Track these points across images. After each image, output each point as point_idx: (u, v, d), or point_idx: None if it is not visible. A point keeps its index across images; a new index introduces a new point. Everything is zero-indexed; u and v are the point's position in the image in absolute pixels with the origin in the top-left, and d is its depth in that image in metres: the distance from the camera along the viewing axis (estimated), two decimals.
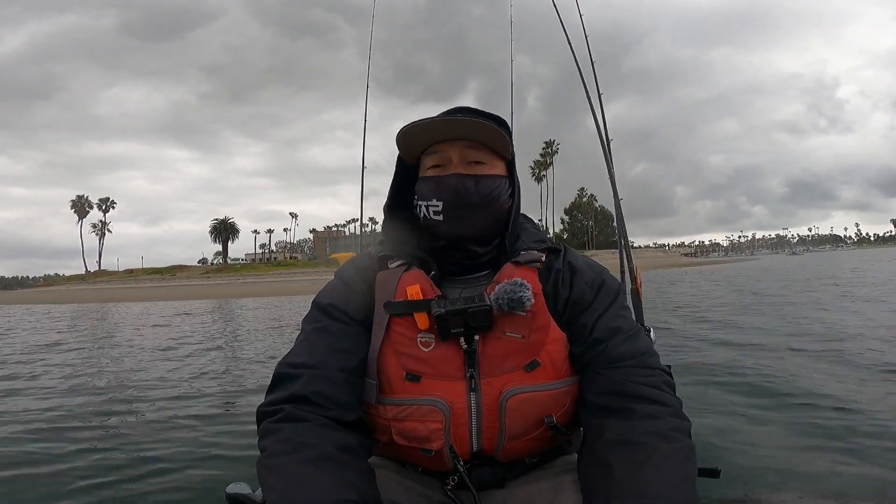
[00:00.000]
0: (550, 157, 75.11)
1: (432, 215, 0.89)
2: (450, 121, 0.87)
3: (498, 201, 0.90)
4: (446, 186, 0.87)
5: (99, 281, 62.05)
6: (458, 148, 0.88)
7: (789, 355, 4.81)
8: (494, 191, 0.89)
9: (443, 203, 0.88)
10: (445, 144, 0.89)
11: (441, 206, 0.88)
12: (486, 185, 0.88)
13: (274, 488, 0.71)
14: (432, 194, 0.88)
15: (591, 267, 0.94)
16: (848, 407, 3.13)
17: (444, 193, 0.87)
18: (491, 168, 0.90)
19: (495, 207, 0.90)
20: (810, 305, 9.13)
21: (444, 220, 0.88)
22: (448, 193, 0.87)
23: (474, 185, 0.87)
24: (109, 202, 79.58)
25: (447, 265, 0.92)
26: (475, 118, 0.87)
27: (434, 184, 0.89)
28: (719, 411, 3.25)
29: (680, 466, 0.72)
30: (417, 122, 0.87)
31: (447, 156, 0.89)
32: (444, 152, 0.89)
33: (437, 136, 0.89)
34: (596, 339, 0.85)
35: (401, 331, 0.86)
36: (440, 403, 0.83)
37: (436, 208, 0.88)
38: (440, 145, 0.89)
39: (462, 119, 0.87)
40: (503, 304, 0.82)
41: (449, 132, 0.88)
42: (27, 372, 6.03)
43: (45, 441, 3.26)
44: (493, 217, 0.90)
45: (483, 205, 0.88)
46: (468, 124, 0.86)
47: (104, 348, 8.15)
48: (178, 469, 2.69)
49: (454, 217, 0.88)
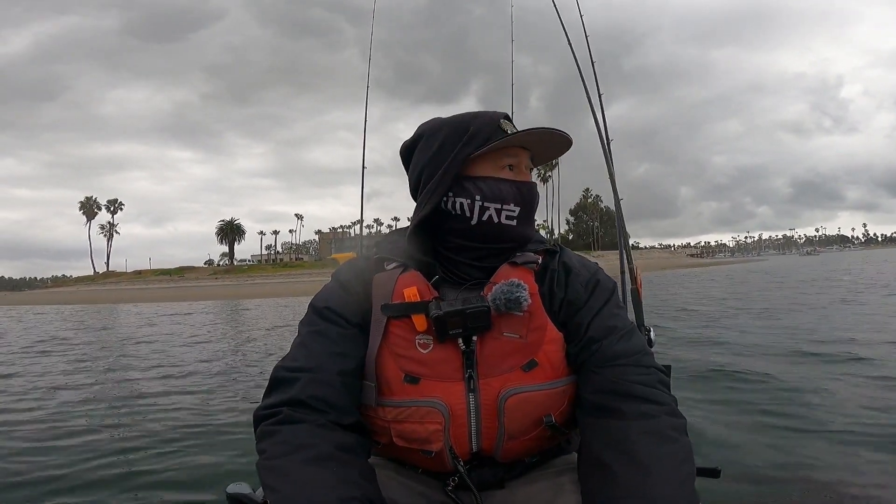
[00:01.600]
0: (556, 158, 74.93)
1: (504, 219, 0.89)
2: (551, 131, 0.89)
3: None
4: (527, 193, 0.91)
5: (108, 282, 62.55)
6: (525, 156, 0.92)
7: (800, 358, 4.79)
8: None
9: (520, 209, 0.90)
10: (520, 150, 0.92)
11: (518, 212, 0.90)
12: (538, 194, 0.95)
13: (276, 489, 0.71)
14: (512, 199, 0.90)
15: (586, 266, 0.95)
16: (850, 407, 3.13)
17: (524, 199, 0.90)
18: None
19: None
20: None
21: (517, 224, 0.90)
22: (526, 200, 0.91)
23: (535, 192, 0.94)
24: (117, 203, 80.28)
25: (469, 270, 0.91)
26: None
27: (516, 189, 0.90)
28: (719, 411, 3.25)
29: (679, 467, 0.72)
30: (531, 130, 0.89)
31: (521, 161, 0.92)
32: (519, 157, 0.92)
33: (534, 142, 0.92)
34: (591, 338, 0.86)
35: (399, 333, 0.86)
36: (439, 405, 0.83)
37: (511, 213, 0.90)
38: (515, 149, 0.91)
39: (559, 134, 0.90)
40: (500, 305, 0.83)
41: (552, 140, 0.92)
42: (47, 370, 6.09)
43: (45, 440, 3.29)
44: None
45: (535, 211, 0.95)
46: (566, 137, 0.91)
47: (115, 349, 8.22)
48: (178, 469, 2.70)
49: (525, 221, 0.91)
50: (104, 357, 7.28)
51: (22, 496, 2.44)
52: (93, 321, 15.19)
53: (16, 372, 6.18)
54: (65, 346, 8.85)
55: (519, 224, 0.90)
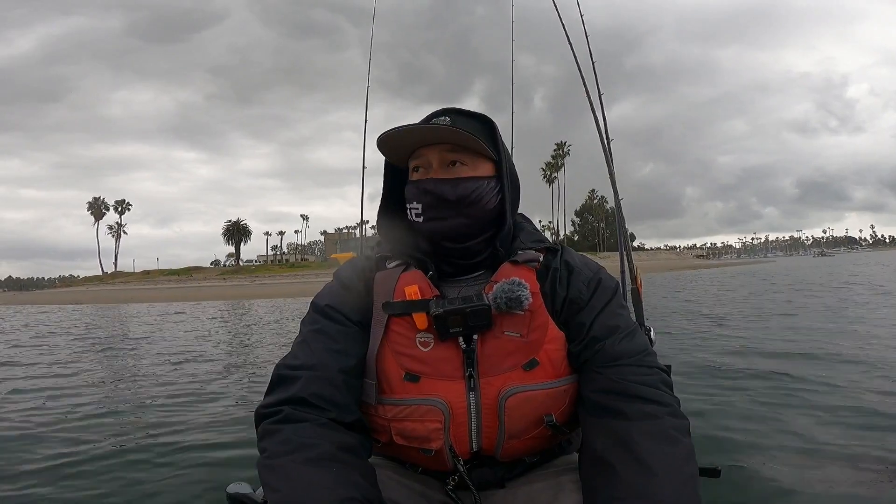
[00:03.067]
0: (561, 159, 74.91)
1: (414, 217, 0.91)
2: (424, 127, 0.89)
3: (480, 202, 0.90)
4: (423, 190, 0.89)
5: (117, 282, 63.11)
6: (437, 152, 0.90)
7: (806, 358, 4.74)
8: (474, 192, 0.89)
9: (422, 206, 0.90)
10: (426, 149, 0.90)
11: (420, 208, 0.90)
12: (465, 188, 0.89)
13: (276, 489, 0.71)
14: (413, 197, 0.91)
15: (588, 266, 0.94)
16: (852, 408, 3.12)
17: (423, 196, 0.89)
18: (472, 170, 0.90)
19: (477, 208, 0.90)
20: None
21: (423, 220, 0.90)
22: (426, 197, 0.89)
23: (450, 188, 0.89)
24: (125, 204, 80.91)
25: (443, 266, 0.93)
26: (457, 120, 0.90)
27: (415, 188, 0.91)
28: (720, 410, 3.23)
29: (683, 468, 0.72)
30: (392, 129, 0.89)
31: (427, 160, 0.90)
32: (424, 157, 0.91)
33: (418, 142, 0.91)
34: (593, 337, 0.86)
35: (400, 331, 0.86)
36: (439, 403, 0.83)
37: (417, 210, 0.90)
38: (421, 150, 0.91)
39: (434, 125, 0.88)
40: (501, 304, 0.83)
41: (427, 137, 0.90)
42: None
43: (45, 439, 3.30)
44: (474, 217, 0.90)
45: (461, 206, 0.89)
46: (442, 130, 0.87)
47: (122, 346, 8.27)
48: (178, 468, 2.69)
49: (432, 216, 0.90)
50: (109, 354, 7.32)
51: (20, 495, 2.45)
52: (106, 319, 15.31)
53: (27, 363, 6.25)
54: (81, 341, 8.93)
55: (426, 221, 0.90)
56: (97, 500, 2.39)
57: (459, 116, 0.92)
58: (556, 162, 75.10)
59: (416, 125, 0.90)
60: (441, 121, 0.90)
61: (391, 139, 0.90)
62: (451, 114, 0.92)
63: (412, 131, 0.89)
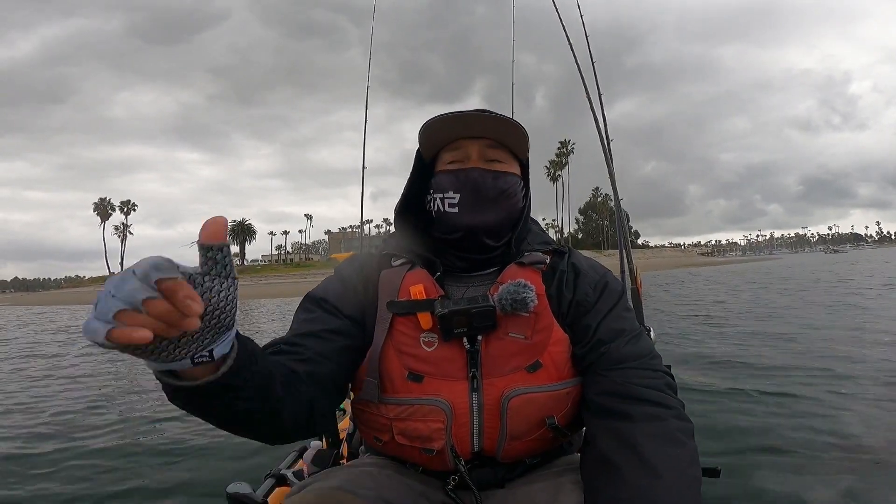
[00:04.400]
0: (566, 157, 74.68)
1: (447, 207, 0.90)
2: (474, 116, 0.88)
3: (513, 199, 0.91)
4: (465, 179, 0.89)
5: None
6: (478, 145, 0.90)
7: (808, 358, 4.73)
8: (511, 188, 0.91)
9: (460, 195, 0.89)
10: (466, 141, 0.90)
11: (458, 199, 0.89)
12: (505, 181, 0.90)
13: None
14: (450, 186, 0.89)
15: (595, 269, 0.94)
16: (852, 408, 3.11)
17: (463, 186, 0.89)
18: (508, 167, 0.91)
19: (510, 204, 0.91)
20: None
21: (459, 211, 0.89)
22: (467, 186, 0.88)
23: (492, 179, 0.89)
24: (131, 205, 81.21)
25: (456, 261, 0.92)
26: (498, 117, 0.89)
27: (453, 176, 0.90)
28: (720, 411, 3.24)
29: (687, 470, 0.72)
30: (442, 115, 0.89)
31: (467, 152, 0.90)
32: (464, 148, 0.90)
33: (460, 132, 0.90)
34: (599, 340, 0.85)
35: (404, 330, 0.86)
36: (442, 403, 0.83)
37: (452, 200, 0.89)
38: (461, 141, 0.90)
39: (487, 115, 0.88)
40: (506, 305, 0.82)
41: (473, 128, 0.89)
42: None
43: (44, 438, 3.32)
44: (506, 213, 0.91)
45: (499, 199, 0.89)
46: (493, 121, 0.88)
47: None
48: (177, 468, 2.71)
49: (470, 208, 0.89)
50: (111, 354, 7.37)
51: (19, 494, 2.46)
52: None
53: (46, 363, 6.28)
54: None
55: (462, 211, 0.89)
56: (96, 499, 2.40)
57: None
58: (561, 160, 74.89)
59: (466, 112, 0.89)
60: (484, 112, 0.89)
61: (435, 127, 0.89)
62: (484, 113, 0.91)
63: (460, 119, 0.88)
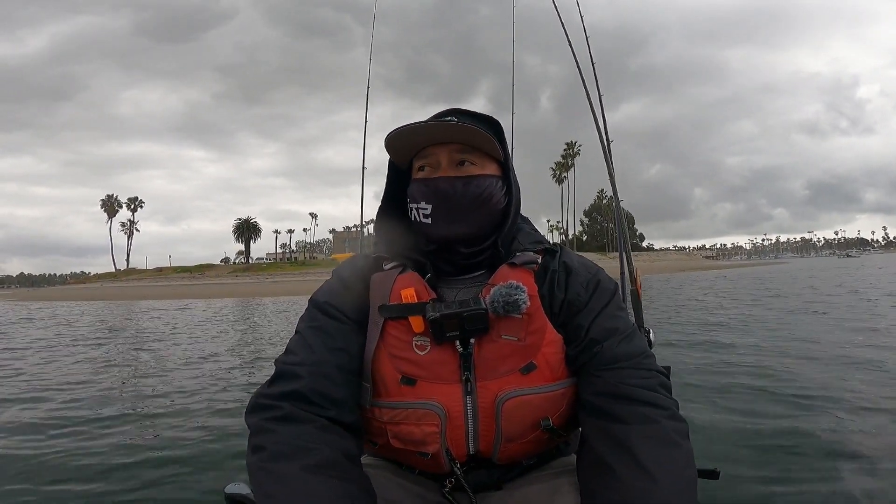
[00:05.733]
0: (572, 159, 74.53)
1: (422, 218, 0.88)
2: (436, 125, 0.87)
3: (490, 201, 0.89)
4: (435, 189, 0.87)
5: (131, 279, 63.64)
6: (446, 151, 0.88)
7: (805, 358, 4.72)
8: (485, 191, 0.88)
9: (431, 206, 0.87)
10: (434, 148, 0.88)
11: (430, 209, 0.87)
12: (476, 186, 0.87)
13: (271, 494, 0.70)
14: (421, 197, 0.88)
15: (587, 267, 0.93)
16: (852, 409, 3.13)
17: (433, 196, 0.87)
18: (481, 169, 0.89)
19: (488, 208, 0.89)
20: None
21: (432, 222, 0.87)
22: (437, 196, 0.87)
23: (463, 186, 0.87)
24: (137, 201, 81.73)
25: (443, 266, 0.91)
26: (465, 121, 0.88)
27: (423, 186, 0.88)
28: (720, 411, 3.25)
29: (683, 472, 0.72)
30: (403, 126, 0.87)
31: (436, 159, 0.88)
32: (433, 155, 0.88)
33: (426, 140, 0.88)
34: (592, 340, 0.84)
35: (396, 334, 0.85)
36: (436, 407, 0.82)
37: (425, 211, 0.88)
38: (430, 148, 0.89)
39: (447, 123, 0.86)
40: (498, 308, 0.82)
41: (436, 136, 0.88)
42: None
43: (43, 437, 3.33)
44: (485, 218, 0.89)
45: (473, 206, 0.87)
46: (454, 128, 0.86)
47: (128, 345, 8.40)
48: (176, 468, 2.70)
49: (443, 219, 0.87)
50: (118, 353, 7.45)
51: (17, 494, 2.46)
52: (120, 317, 15.51)
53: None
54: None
55: (435, 223, 0.88)
56: (95, 498, 2.40)
57: (465, 117, 0.91)
58: (567, 161, 74.75)
59: (427, 122, 0.88)
60: (447, 121, 0.88)
61: (400, 137, 0.88)
62: (456, 114, 0.91)
63: (422, 129, 0.87)
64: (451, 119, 0.88)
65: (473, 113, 0.93)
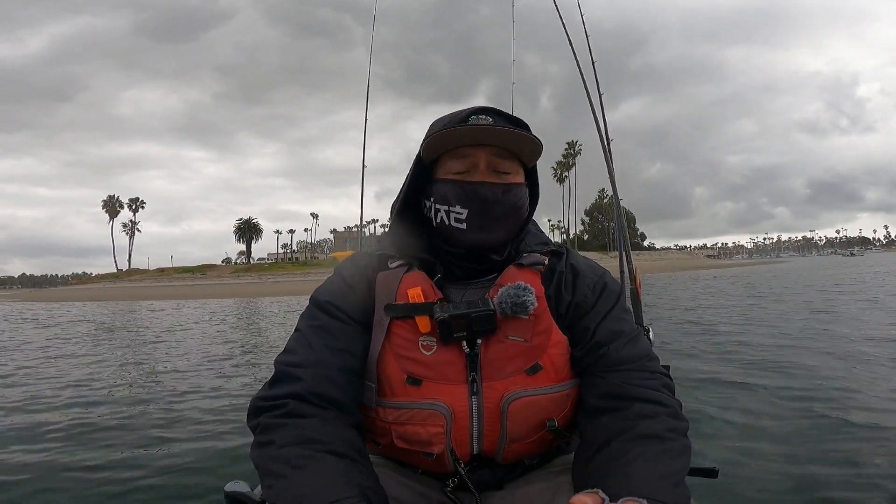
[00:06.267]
0: (573, 158, 74.45)
1: (453, 222, 0.86)
2: (485, 128, 0.83)
3: (521, 211, 0.89)
4: (474, 194, 0.84)
5: (133, 279, 63.72)
6: (486, 154, 0.85)
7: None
8: (519, 200, 0.88)
9: (468, 211, 0.85)
10: (472, 149, 0.85)
11: (465, 215, 0.85)
12: (514, 195, 0.86)
13: (282, 475, 0.70)
14: (457, 200, 0.85)
15: (594, 269, 0.93)
16: (850, 409, 3.12)
17: (471, 201, 0.85)
18: (516, 176, 0.88)
19: (518, 217, 0.89)
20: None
21: (467, 228, 0.85)
22: (476, 202, 0.84)
23: (503, 194, 0.85)
24: (139, 202, 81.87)
25: (455, 270, 0.90)
26: (502, 123, 0.86)
27: (461, 189, 0.85)
28: (719, 411, 3.24)
29: (667, 463, 0.71)
30: (451, 128, 0.84)
31: (473, 161, 0.85)
32: (470, 157, 0.85)
33: (468, 139, 0.85)
34: (597, 342, 0.84)
35: (402, 333, 0.85)
36: (442, 407, 0.82)
37: (459, 216, 0.85)
38: (468, 148, 0.85)
39: (499, 128, 0.83)
40: (506, 309, 0.81)
41: (482, 136, 0.84)
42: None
43: (42, 436, 3.33)
44: (514, 226, 0.89)
45: (508, 215, 0.86)
46: (504, 133, 0.84)
47: (134, 346, 8.41)
48: (175, 466, 2.71)
49: (479, 226, 0.85)
50: (117, 353, 7.45)
51: (16, 494, 2.46)
52: (123, 316, 15.53)
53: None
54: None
55: (470, 229, 0.86)
56: (93, 498, 2.40)
57: (500, 118, 0.88)
58: (568, 161, 74.67)
59: (478, 127, 0.84)
60: (483, 119, 0.86)
61: (442, 138, 0.84)
62: (491, 114, 0.87)
63: (469, 131, 0.83)
64: (485, 118, 0.86)
65: (508, 114, 0.90)
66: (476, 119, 0.86)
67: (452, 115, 0.89)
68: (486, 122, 0.85)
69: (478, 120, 0.86)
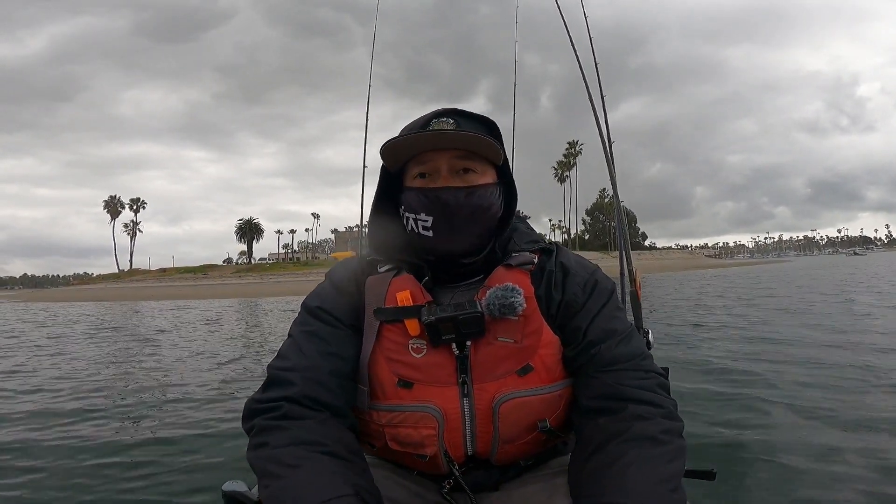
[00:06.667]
0: (574, 158, 74.38)
1: (421, 230, 0.86)
2: (438, 134, 0.84)
3: (490, 210, 0.87)
4: (437, 200, 0.84)
5: (135, 280, 63.67)
6: (446, 157, 0.85)
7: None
8: (486, 200, 0.86)
9: (433, 218, 0.85)
10: (433, 153, 0.85)
11: (431, 222, 0.85)
12: (479, 197, 0.85)
13: (279, 475, 0.70)
14: (421, 208, 0.85)
15: (584, 267, 0.92)
16: (848, 408, 3.12)
17: (434, 207, 0.84)
18: (481, 176, 0.86)
19: (487, 217, 0.87)
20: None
21: (433, 235, 0.86)
22: (438, 207, 0.84)
23: (465, 197, 0.84)
24: (140, 202, 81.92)
25: (439, 273, 0.90)
26: (463, 122, 0.86)
27: (423, 196, 0.85)
28: (719, 411, 3.24)
29: (663, 467, 0.71)
30: (403, 137, 0.85)
31: (435, 165, 0.85)
32: (432, 162, 0.85)
33: (425, 145, 0.85)
34: (590, 341, 0.84)
35: (392, 337, 0.85)
36: (433, 410, 0.83)
37: (425, 223, 0.85)
38: (428, 154, 0.85)
39: (450, 132, 0.84)
40: (494, 310, 0.81)
41: (440, 141, 0.85)
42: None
43: (41, 436, 3.33)
44: (483, 228, 0.88)
45: (475, 218, 0.85)
46: (458, 136, 0.84)
47: (131, 345, 8.42)
48: (173, 466, 2.71)
49: (445, 232, 0.85)
50: (116, 352, 7.43)
51: (16, 493, 2.46)
52: (125, 315, 15.55)
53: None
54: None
55: (436, 236, 0.85)
56: (92, 498, 2.40)
57: (463, 118, 0.88)
58: (569, 161, 74.60)
59: (427, 131, 0.85)
60: (444, 122, 0.86)
61: (397, 147, 0.86)
62: (453, 115, 0.88)
63: (423, 138, 0.84)
64: (448, 120, 0.86)
65: (471, 114, 0.90)
66: (437, 123, 0.86)
67: (415, 122, 0.89)
68: (447, 125, 0.85)
69: (438, 124, 0.86)
